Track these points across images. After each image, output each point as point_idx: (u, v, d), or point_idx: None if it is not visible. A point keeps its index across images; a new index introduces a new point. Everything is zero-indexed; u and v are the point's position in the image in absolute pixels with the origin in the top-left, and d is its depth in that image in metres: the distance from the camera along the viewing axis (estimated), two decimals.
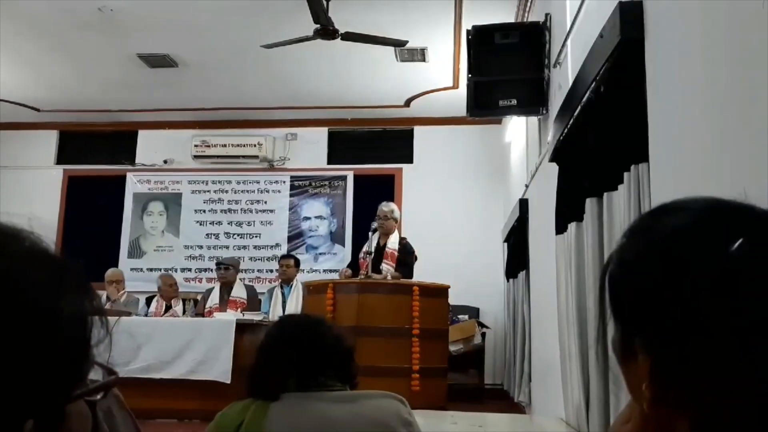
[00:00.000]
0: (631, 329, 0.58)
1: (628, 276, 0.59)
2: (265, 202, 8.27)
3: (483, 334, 6.83)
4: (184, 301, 6.50)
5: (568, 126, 3.17)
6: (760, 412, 0.51)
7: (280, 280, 6.43)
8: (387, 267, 5.15)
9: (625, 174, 2.26)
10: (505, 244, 6.74)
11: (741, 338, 0.51)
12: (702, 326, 0.52)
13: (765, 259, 0.52)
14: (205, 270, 7.98)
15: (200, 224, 8.29)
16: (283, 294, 6.13)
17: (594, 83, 2.66)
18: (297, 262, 6.41)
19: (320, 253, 8.04)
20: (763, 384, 0.51)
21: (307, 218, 8.20)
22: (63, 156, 8.68)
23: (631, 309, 0.58)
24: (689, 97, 1.89)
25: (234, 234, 8.23)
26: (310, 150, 8.29)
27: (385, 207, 5.42)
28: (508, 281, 6.42)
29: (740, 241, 0.52)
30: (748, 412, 0.51)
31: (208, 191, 8.35)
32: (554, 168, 3.51)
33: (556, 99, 3.99)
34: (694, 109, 1.86)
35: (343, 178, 8.20)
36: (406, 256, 5.26)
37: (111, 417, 1.15)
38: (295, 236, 8.16)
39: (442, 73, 6.88)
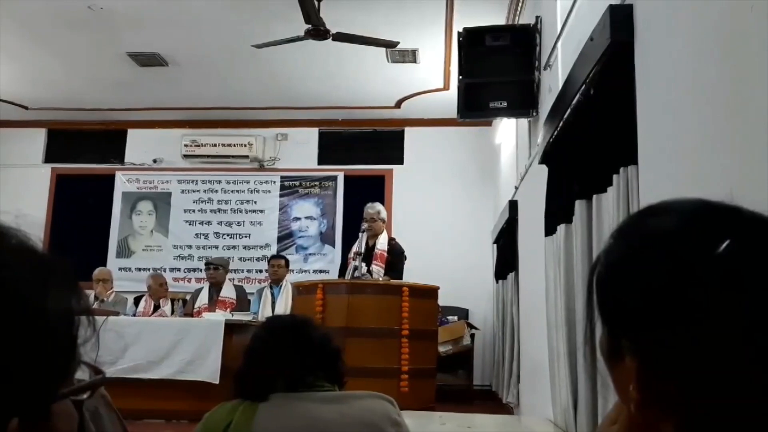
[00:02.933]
0: (619, 330, 0.58)
1: (615, 277, 0.59)
2: (255, 202, 8.25)
3: (472, 335, 6.84)
4: (172, 301, 6.47)
5: (558, 128, 3.19)
6: (746, 414, 0.51)
7: (269, 281, 6.41)
8: (377, 268, 5.14)
9: (614, 176, 2.27)
10: (495, 245, 6.76)
11: (728, 341, 0.51)
12: (689, 328, 0.52)
13: (752, 261, 0.53)
14: (194, 270, 7.95)
15: (190, 224, 8.26)
16: (272, 294, 6.11)
17: (584, 86, 2.67)
18: (287, 263, 6.41)
19: (310, 254, 8.03)
20: (749, 386, 0.51)
21: (297, 219, 8.18)
22: (51, 154, 8.62)
23: (618, 310, 0.58)
24: (678, 99, 1.90)
25: (223, 234, 8.20)
26: (300, 150, 8.28)
27: (371, 209, 5.39)
28: (497, 282, 6.43)
29: (727, 242, 0.53)
30: (734, 414, 0.51)
31: (197, 191, 8.32)
32: (544, 170, 3.52)
33: (546, 101, 4.01)
34: (683, 111, 1.87)
35: (334, 178, 8.19)
36: (395, 257, 5.26)
37: (98, 417, 1.15)
38: (285, 237, 8.14)
39: (432, 75, 6.89)
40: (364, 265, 5.04)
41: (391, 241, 5.35)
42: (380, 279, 5.05)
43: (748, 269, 0.52)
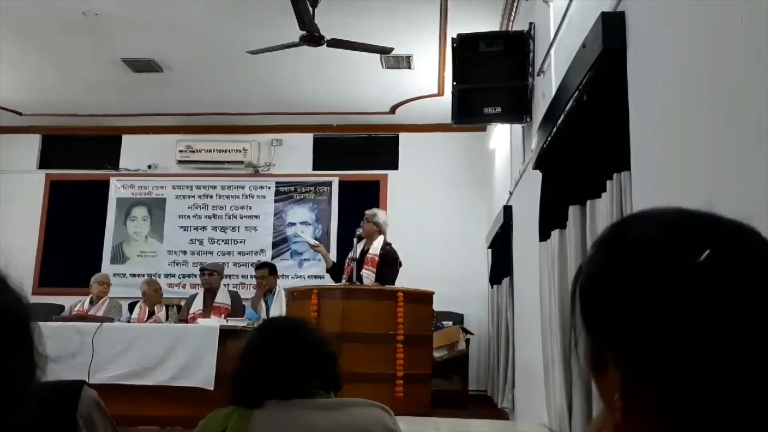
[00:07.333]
0: (602, 340, 0.58)
1: (596, 287, 0.60)
2: (250, 208, 8.24)
3: (467, 341, 6.84)
4: (167, 306, 6.44)
5: (552, 134, 3.20)
6: (729, 421, 0.52)
7: (263, 291, 6.18)
8: (366, 272, 5.11)
9: (608, 182, 2.28)
10: (490, 250, 6.77)
11: (711, 348, 0.52)
12: (672, 336, 0.53)
13: (732, 269, 0.53)
14: (189, 276, 7.92)
15: (184, 230, 8.24)
16: (266, 302, 6.07)
17: (577, 92, 2.69)
18: (272, 270, 6.18)
19: (305, 259, 8.02)
20: (732, 394, 0.52)
21: (292, 224, 8.17)
22: (45, 160, 8.60)
23: (601, 320, 0.59)
24: (670, 106, 1.92)
25: (218, 240, 8.19)
26: (295, 156, 8.28)
27: (369, 211, 5.45)
28: (492, 287, 6.44)
29: (707, 252, 0.53)
30: (718, 421, 0.52)
31: (192, 197, 8.31)
32: (538, 175, 3.53)
33: (540, 107, 4.02)
34: (675, 117, 1.89)
35: (328, 184, 8.20)
36: (388, 263, 5.21)
37: (91, 423, 1.15)
38: (280, 242, 8.13)
39: (427, 81, 6.90)
40: (355, 270, 5.04)
41: (386, 247, 5.29)
42: (369, 284, 5.02)
43: (728, 277, 0.53)
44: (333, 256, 7.59)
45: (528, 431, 3.83)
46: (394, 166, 8.19)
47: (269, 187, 8.27)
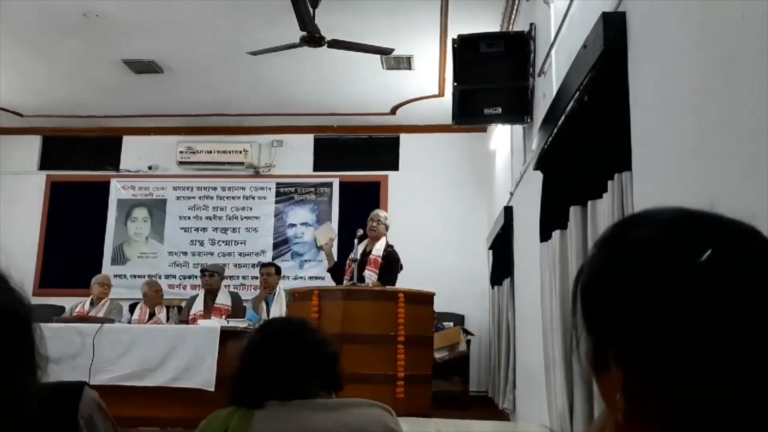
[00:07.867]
0: (604, 340, 0.58)
1: (597, 287, 0.60)
2: (251, 209, 8.25)
3: (468, 341, 6.83)
4: (167, 308, 6.44)
5: (553, 134, 3.20)
6: (730, 421, 0.52)
7: (264, 289, 6.28)
8: (369, 273, 5.12)
9: (609, 182, 2.28)
10: (490, 251, 6.76)
11: (712, 348, 0.52)
12: (673, 336, 0.53)
13: (734, 269, 0.53)
14: (190, 277, 7.93)
15: (185, 231, 8.24)
16: (266, 303, 6.08)
17: (578, 92, 2.69)
18: (278, 270, 6.34)
19: (305, 260, 8.02)
20: (733, 394, 0.51)
21: (293, 225, 8.17)
22: (46, 161, 8.60)
23: (603, 320, 0.58)
24: (671, 106, 1.91)
25: (219, 241, 8.19)
26: (295, 157, 8.29)
27: (381, 212, 5.51)
28: (492, 288, 6.43)
29: (709, 252, 0.53)
30: (719, 421, 0.52)
31: (193, 198, 8.31)
32: (539, 176, 3.53)
33: (541, 107, 4.02)
34: (676, 118, 1.89)
35: (329, 185, 8.20)
36: (390, 264, 5.22)
37: (92, 424, 1.15)
38: (281, 243, 8.13)
39: (427, 81, 6.90)
40: (356, 271, 5.04)
41: (388, 248, 5.31)
42: (371, 285, 5.03)
43: (729, 278, 0.53)
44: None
45: None
46: (395, 167, 8.19)
47: (270, 188, 8.27)
